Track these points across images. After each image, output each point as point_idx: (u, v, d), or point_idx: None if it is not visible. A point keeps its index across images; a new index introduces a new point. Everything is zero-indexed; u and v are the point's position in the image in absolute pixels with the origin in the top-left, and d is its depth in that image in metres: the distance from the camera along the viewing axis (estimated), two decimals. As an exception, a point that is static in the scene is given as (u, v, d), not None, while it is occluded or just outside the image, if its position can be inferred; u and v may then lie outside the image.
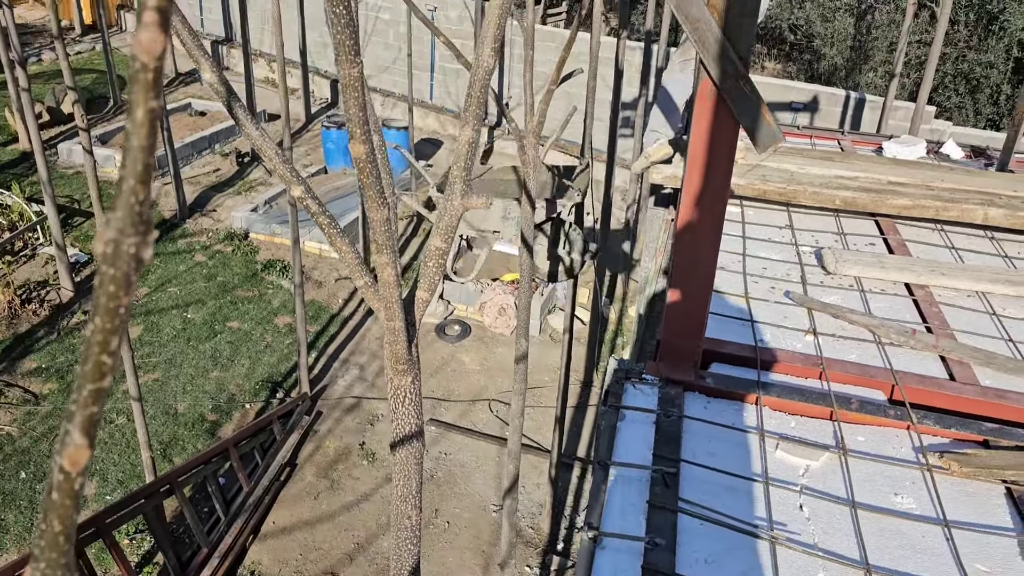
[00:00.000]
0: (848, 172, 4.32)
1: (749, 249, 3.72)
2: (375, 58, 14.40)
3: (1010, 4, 11.86)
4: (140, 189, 0.35)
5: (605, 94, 10.13)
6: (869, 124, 11.43)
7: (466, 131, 1.39)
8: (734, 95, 2.29)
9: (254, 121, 1.36)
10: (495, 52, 1.33)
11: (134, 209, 0.35)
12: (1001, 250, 3.86)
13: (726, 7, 2.24)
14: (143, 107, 0.34)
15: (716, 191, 2.44)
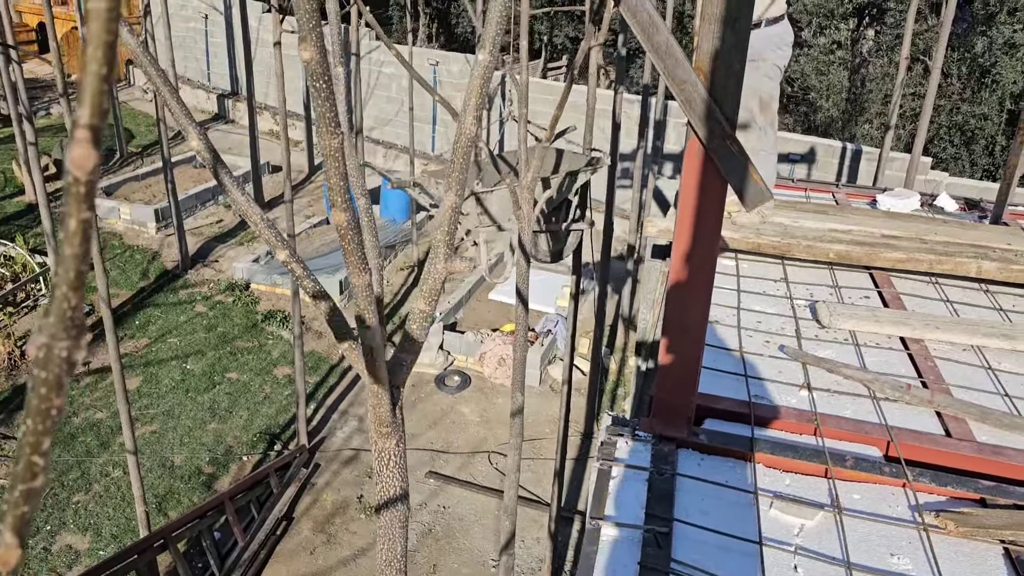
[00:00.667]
0: (842, 225, 4.35)
1: (744, 303, 3.73)
2: (378, 111, 14.61)
3: (1001, 58, 12.06)
4: (72, 295, 0.36)
5: (604, 145, 10.25)
6: (866, 175, 11.53)
7: (449, 196, 1.41)
8: (721, 155, 2.32)
9: (239, 187, 1.38)
10: (477, 120, 1.36)
11: (66, 314, 0.36)
12: (996, 303, 3.87)
13: (712, 70, 2.28)
14: (76, 218, 0.35)
15: (705, 248, 2.46)
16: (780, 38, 4.25)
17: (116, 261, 10.45)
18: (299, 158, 14.17)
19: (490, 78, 1.36)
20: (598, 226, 10.82)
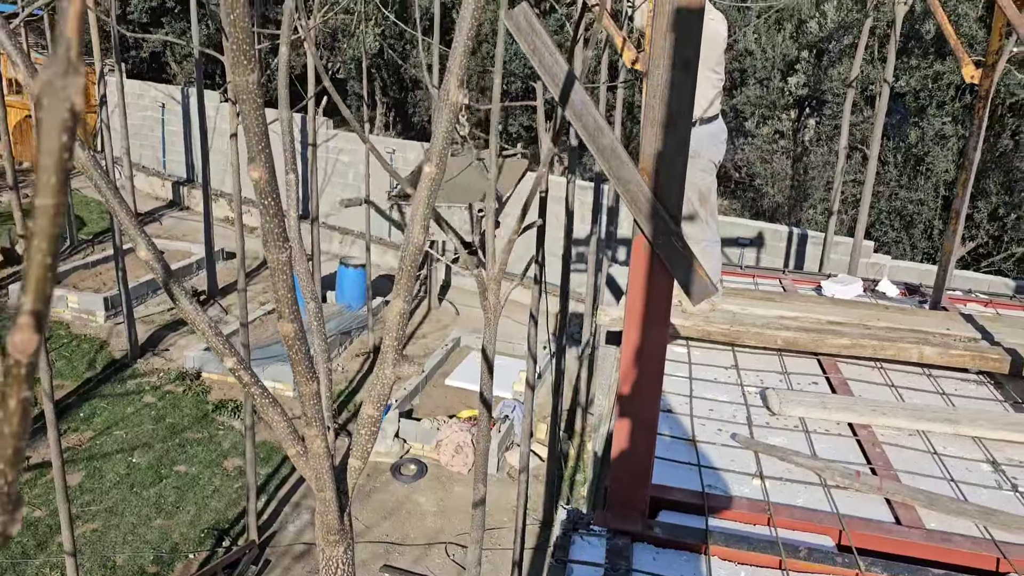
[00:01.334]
0: (789, 312, 4.46)
1: (696, 391, 3.78)
2: (335, 197, 14.72)
3: (933, 148, 12.68)
4: (9, 472, 0.37)
5: (558, 231, 10.44)
6: (812, 258, 11.88)
7: (397, 303, 1.43)
8: (667, 251, 2.39)
9: (188, 297, 1.39)
10: (424, 230, 1.40)
11: (2, 490, 0.37)
12: (939, 387, 3.97)
13: (655, 170, 2.38)
14: (16, 398, 0.37)
15: (655, 342, 2.50)
16: (715, 136, 4.45)
17: (62, 351, 10.20)
18: (254, 244, 14.13)
19: (437, 189, 1.41)
20: (554, 308, 10.91)
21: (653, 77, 2.33)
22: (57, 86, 0.33)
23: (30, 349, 0.36)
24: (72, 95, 0.33)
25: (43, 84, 0.33)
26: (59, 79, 0.33)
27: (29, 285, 0.36)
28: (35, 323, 0.36)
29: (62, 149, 0.34)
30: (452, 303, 13.03)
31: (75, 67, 0.33)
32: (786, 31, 15.92)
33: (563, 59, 2.35)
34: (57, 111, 0.33)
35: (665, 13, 2.27)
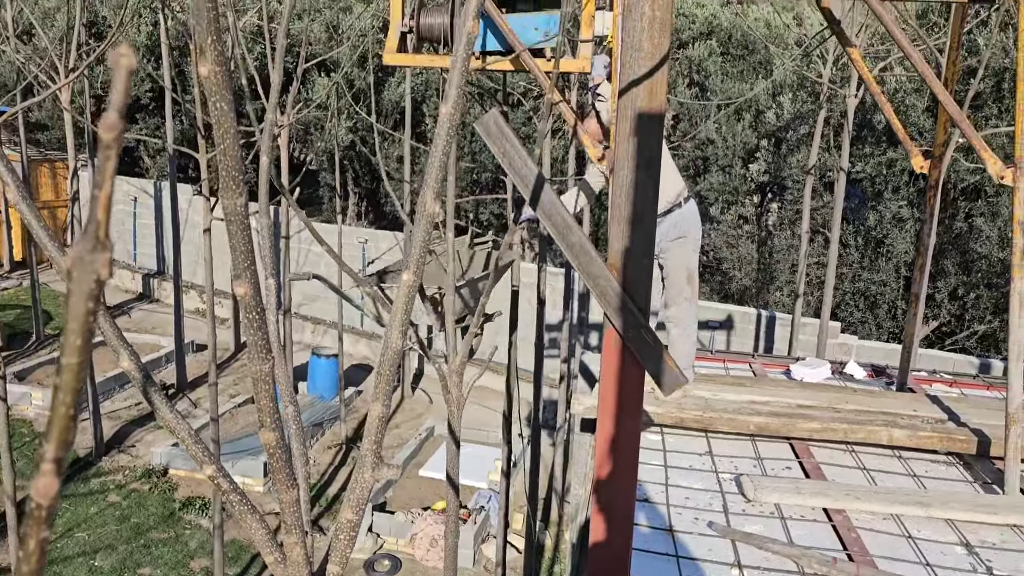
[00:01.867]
0: (760, 397, 4.52)
1: (671, 479, 3.78)
2: (307, 288, 14.74)
3: (892, 231, 13.07)
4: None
5: (530, 317, 10.51)
6: (781, 340, 12.05)
7: (376, 407, 1.46)
8: (637, 344, 2.45)
9: (168, 404, 1.41)
10: (403, 335, 1.44)
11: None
12: (910, 469, 4.02)
13: (623, 265, 2.46)
14: (35, 539, 0.40)
15: (628, 433, 2.53)
16: (695, 215, 4.60)
17: (24, 450, 9.93)
18: (225, 335, 14.03)
19: (414, 296, 1.46)
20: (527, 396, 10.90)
21: (618, 177, 2.43)
22: (86, 260, 0.37)
23: (52, 493, 0.39)
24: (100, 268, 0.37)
25: (73, 258, 0.37)
26: (88, 254, 0.37)
27: (52, 433, 0.40)
28: (57, 469, 0.39)
29: (88, 314, 0.38)
30: (425, 392, 12.96)
31: (103, 244, 0.37)
32: (745, 121, 16.55)
33: (532, 162, 2.46)
34: (85, 282, 0.38)
35: (628, 118, 2.39)
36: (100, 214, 0.37)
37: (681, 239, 4.54)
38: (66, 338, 0.40)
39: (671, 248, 4.54)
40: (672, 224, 4.52)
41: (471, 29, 1.42)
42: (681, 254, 4.55)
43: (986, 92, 12.29)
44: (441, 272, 4.97)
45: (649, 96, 2.42)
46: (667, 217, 4.49)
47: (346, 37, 14.22)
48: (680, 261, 4.55)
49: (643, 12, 2.37)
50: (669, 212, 4.49)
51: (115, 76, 0.37)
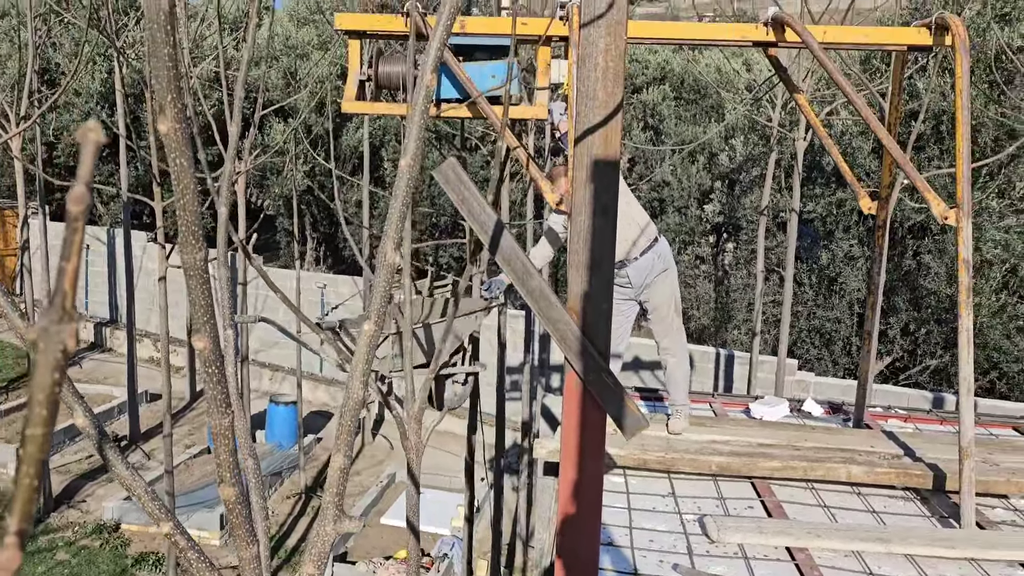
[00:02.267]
0: (720, 436, 4.55)
1: (635, 521, 3.78)
2: (265, 334, 14.56)
3: (844, 269, 13.38)
4: None
5: (491, 359, 10.49)
6: (740, 378, 12.18)
7: (338, 458, 1.44)
8: (598, 387, 2.47)
9: (123, 460, 1.38)
10: (364, 385, 1.44)
11: None
12: (869, 506, 4.07)
13: (583, 309, 2.48)
14: (-5, 614, 0.39)
15: (591, 476, 2.53)
16: (669, 249, 4.70)
17: (-32, 507, 9.55)
18: (180, 384, 13.74)
19: (376, 345, 1.46)
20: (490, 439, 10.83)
21: (576, 223, 2.47)
22: (52, 332, 0.38)
23: (14, 567, 0.39)
24: (66, 339, 0.37)
25: (40, 330, 0.37)
26: (54, 325, 0.38)
27: (16, 506, 0.40)
28: (20, 542, 0.39)
29: (54, 385, 0.39)
30: (386, 437, 12.80)
31: (69, 315, 0.38)
32: (699, 163, 16.90)
33: (490, 208, 2.48)
34: (51, 353, 0.38)
35: (584, 165, 2.44)
36: (67, 286, 0.38)
37: (666, 271, 4.68)
38: (32, 409, 0.40)
39: (656, 283, 4.65)
40: (657, 256, 4.66)
41: (429, 83, 1.45)
42: (668, 286, 4.69)
43: (927, 134, 12.74)
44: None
45: (604, 143, 2.48)
46: (650, 252, 4.60)
47: (303, 84, 14.27)
48: (668, 293, 4.69)
49: (596, 63, 2.43)
50: (651, 247, 4.62)
51: (83, 151, 0.38)
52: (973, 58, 12.55)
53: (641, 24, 4.50)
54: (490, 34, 4.39)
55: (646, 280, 4.61)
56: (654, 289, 4.63)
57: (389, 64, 4.51)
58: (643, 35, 4.41)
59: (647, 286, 4.63)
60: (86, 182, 0.38)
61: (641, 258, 4.61)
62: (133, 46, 15.32)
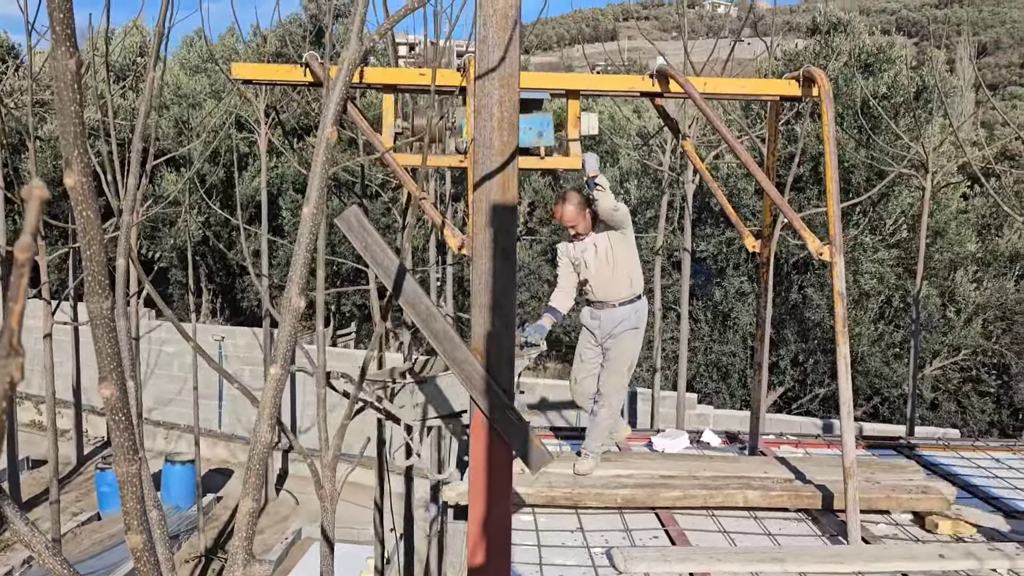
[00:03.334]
0: (625, 470, 4.67)
1: (545, 557, 3.83)
2: (159, 391, 14.00)
3: (736, 304, 13.96)
4: None
5: (398, 409, 10.40)
6: (643, 414, 12.47)
7: (246, 502, 1.46)
8: (503, 424, 2.53)
9: (23, 517, 1.35)
10: (271, 428, 1.46)
11: None
12: (765, 529, 4.25)
13: (487, 349, 2.56)
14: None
15: (499, 513, 2.58)
16: (646, 311, 4.84)
17: None
18: (66, 448, 13.00)
19: (282, 389, 1.49)
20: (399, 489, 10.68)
21: (477, 266, 2.55)
22: (0, 365, 0.42)
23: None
24: (13, 372, 0.42)
25: (-12, 365, 0.42)
26: (2, 360, 0.42)
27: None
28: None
29: (1, 412, 0.43)
30: (291, 492, 12.43)
31: (16, 351, 0.42)
32: (596, 206, 17.32)
33: (393, 254, 2.54)
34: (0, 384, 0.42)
35: (483, 210, 2.53)
36: (14, 324, 0.42)
37: (636, 329, 4.75)
38: (-24, 438, 0.44)
39: (623, 336, 4.70)
40: (634, 311, 4.73)
41: (330, 135, 1.52)
42: (632, 343, 4.75)
43: (806, 175, 13.55)
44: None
45: (502, 189, 2.58)
46: (629, 305, 4.72)
47: (196, 133, 14.00)
48: (629, 350, 4.75)
49: (492, 113, 2.55)
50: (632, 302, 4.73)
51: (28, 206, 0.43)
52: (843, 105, 13.51)
53: (535, 75, 4.70)
54: (757, 95, 4.61)
55: (614, 330, 4.68)
56: (618, 340, 4.70)
57: (422, 117, 4.61)
58: (537, 85, 4.59)
59: (613, 336, 4.70)
60: (32, 232, 0.43)
61: (619, 308, 4.69)
62: (11, 95, 14.72)
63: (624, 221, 4.61)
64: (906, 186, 13.54)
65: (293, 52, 12.53)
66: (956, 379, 13.40)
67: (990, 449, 6.04)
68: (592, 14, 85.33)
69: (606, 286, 4.68)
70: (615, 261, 4.64)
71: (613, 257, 4.63)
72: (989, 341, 13.34)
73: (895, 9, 64.48)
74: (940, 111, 11.41)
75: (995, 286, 13.84)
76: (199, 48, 18.63)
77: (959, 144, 11.35)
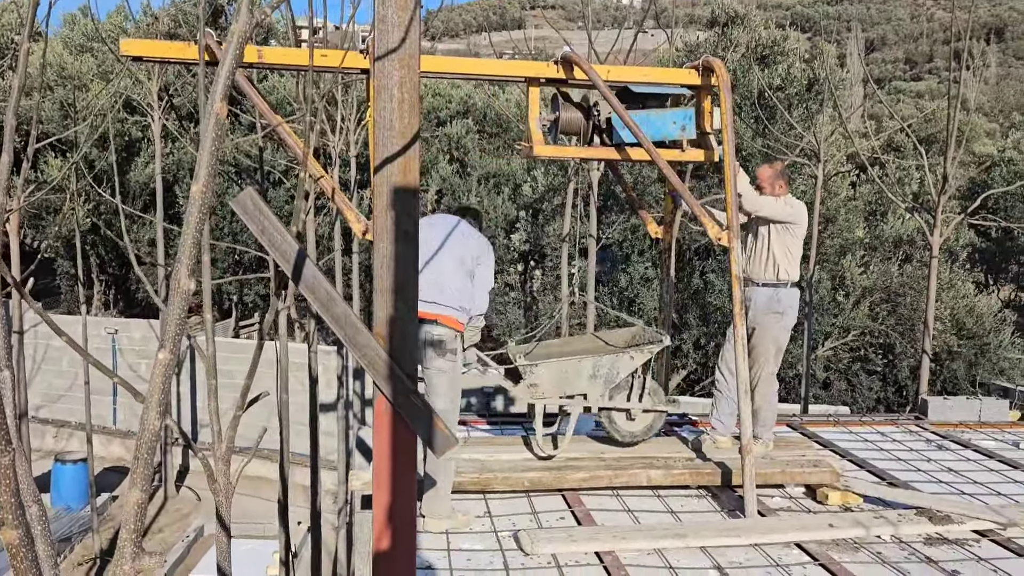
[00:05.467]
0: (532, 454, 4.72)
1: (453, 543, 3.83)
2: (47, 387, 13.31)
3: (641, 290, 14.24)
4: None
5: (303, 398, 10.20)
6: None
7: (134, 493, 1.40)
8: (407, 409, 2.51)
9: None
10: (161, 415, 1.40)
11: None
12: (668, 506, 4.37)
13: (390, 334, 2.53)
14: None
15: (405, 501, 2.56)
16: (798, 300, 4.97)
17: None
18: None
19: (171, 375, 1.43)
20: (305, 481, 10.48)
21: (379, 249, 2.51)
22: None
23: None
24: None
25: None
26: None
27: None
28: None
29: None
30: (192, 489, 12.04)
31: None
32: (504, 194, 17.45)
33: (292, 238, 2.48)
34: None
35: (384, 193, 2.50)
36: None
37: (780, 315, 4.84)
38: None
39: (766, 321, 4.81)
40: (777, 298, 4.82)
41: (219, 110, 1.46)
42: (774, 329, 4.83)
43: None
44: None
45: (403, 172, 2.54)
46: (771, 289, 4.83)
47: (82, 117, 13.30)
48: (770, 336, 4.84)
49: (392, 94, 2.51)
50: (776, 286, 4.83)
51: None
52: (741, 95, 13.95)
53: (437, 59, 4.65)
54: (659, 83, 4.65)
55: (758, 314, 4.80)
56: (762, 326, 4.80)
57: (569, 111, 4.58)
58: (440, 69, 4.55)
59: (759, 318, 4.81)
60: None
61: (761, 289, 4.83)
62: None
63: (782, 218, 4.81)
64: (799, 174, 14.10)
65: (188, 33, 12.05)
66: (846, 359, 14.09)
67: (876, 424, 6.38)
68: (499, 2, 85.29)
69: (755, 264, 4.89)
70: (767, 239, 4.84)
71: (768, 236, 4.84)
72: (876, 322, 14.07)
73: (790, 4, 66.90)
74: (831, 103, 11.92)
75: (880, 270, 14.61)
76: (84, 26, 17.70)
77: (848, 135, 11.89)
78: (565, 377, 4.47)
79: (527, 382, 4.46)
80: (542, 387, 4.47)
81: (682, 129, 4.65)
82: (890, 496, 4.52)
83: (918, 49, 55.16)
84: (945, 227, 8.87)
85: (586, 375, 4.46)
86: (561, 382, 4.48)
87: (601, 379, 4.46)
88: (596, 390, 4.48)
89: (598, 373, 4.46)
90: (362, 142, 9.43)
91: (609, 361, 4.45)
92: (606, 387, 4.46)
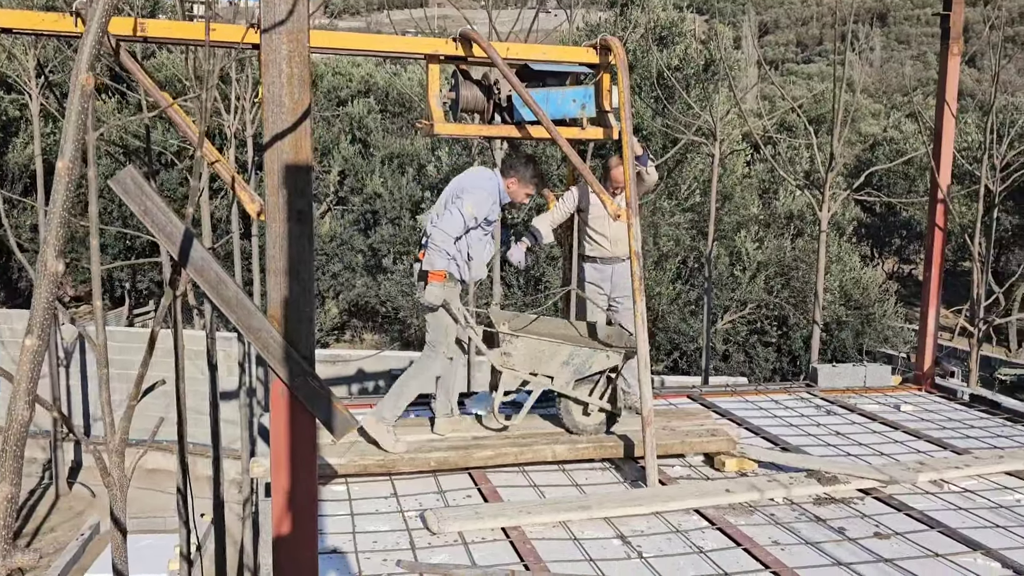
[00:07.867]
0: (437, 435, 4.71)
1: (359, 526, 3.80)
2: (-79, 384, 12.46)
3: (547, 269, 14.36)
4: None
5: (204, 387, 9.90)
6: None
7: (4, 487, 1.32)
8: (305, 392, 2.46)
9: None
10: (29, 405, 1.33)
11: None
12: (573, 480, 4.45)
13: (284, 316, 2.47)
14: None
15: (304, 482, 2.52)
16: None
17: None
18: None
19: (41, 361, 1.36)
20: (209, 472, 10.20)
21: (272, 229, 2.45)
22: None
23: None
24: None
25: None
26: None
27: None
28: None
29: None
30: (86, 485, 11.54)
31: None
32: (409, 174, 17.25)
33: (177, 219, 2.38)
34: None
35: (275, 171, 2.43)
36: None
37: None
38: None
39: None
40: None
41: (85, 81, 1.38)
42: None
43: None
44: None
45: (295, 149, 2.48)
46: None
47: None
48: None
49: (281, 69, 2.44)
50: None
51: None
52: (641, 76, 14.18)
53: (332, 34, 4.53)
54: (558, 61, 4.72)
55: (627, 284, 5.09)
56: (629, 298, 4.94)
57: (469, 89, 4.58)
58: (335, 45, 4.44)
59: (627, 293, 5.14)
60: None
61: (626, 262, 5.09)
62: None
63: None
64: (698, 153, 14.48)
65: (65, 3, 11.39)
66: (744, 332, 14.62)
67: (770, 392, 6.65)
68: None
69: (623, 242, 5.02)
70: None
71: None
72: (771, 296, 14.65)
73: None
74: (726, 84, 12.25)
75: (774, 245, 15.19)
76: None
77: (743, 115, 12.26)
78: (540, 356, 4.58)
79: (503, 350, 4.56)
80: (515, 359, 4.59)
81: (582, 107, 4.71)
82: (783, 460, 4.73)
83: (808, 32, 57.28)
84: (833, 203, 9.27)
85: (559, 360, 4.58)
86: (534, 360, 4.59)
87: (572, 368, 4.59)
88: (564, 376, 4.59)
89: (572, 361, 4.58)
90: (259, 122, 9.15)
91: (587, 354, 4.57)
92: (574, 376, 4.58)
